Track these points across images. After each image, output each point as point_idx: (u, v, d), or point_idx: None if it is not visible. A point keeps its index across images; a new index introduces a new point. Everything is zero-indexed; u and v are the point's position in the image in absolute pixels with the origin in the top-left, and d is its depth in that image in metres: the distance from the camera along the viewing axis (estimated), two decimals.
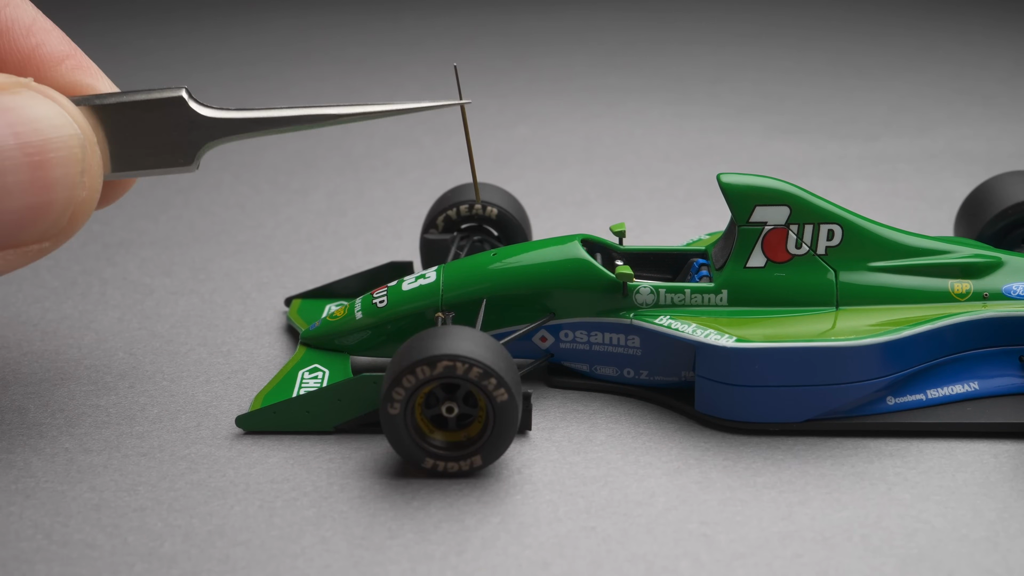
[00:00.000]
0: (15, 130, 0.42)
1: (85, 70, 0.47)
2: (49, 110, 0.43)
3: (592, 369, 0.50)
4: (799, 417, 0.47)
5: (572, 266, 0.49)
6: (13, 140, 0.42)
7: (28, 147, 0.43)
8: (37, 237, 0.44)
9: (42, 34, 0.46)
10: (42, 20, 0.47)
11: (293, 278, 0.61)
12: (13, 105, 0.43)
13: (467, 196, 0.56)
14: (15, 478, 0.45)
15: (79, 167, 0.44)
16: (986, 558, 0.40)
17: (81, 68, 0.47)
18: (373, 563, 0.40)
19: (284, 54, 1.02)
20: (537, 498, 0.44)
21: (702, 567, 0.40)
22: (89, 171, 0.44)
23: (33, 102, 0.43)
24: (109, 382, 0.51)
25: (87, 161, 0.44)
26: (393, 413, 0.44)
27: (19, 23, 0.46)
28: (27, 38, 0.46)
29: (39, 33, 0.46)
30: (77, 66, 0.47)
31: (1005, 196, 0.55)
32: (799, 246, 0.49)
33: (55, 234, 0.44)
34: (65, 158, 0.43)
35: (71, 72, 0.46)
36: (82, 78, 0.47)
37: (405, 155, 0.78)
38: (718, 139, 0.81)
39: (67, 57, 0.46)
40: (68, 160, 0.43)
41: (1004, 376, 0.48)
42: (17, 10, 0.46)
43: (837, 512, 0.43)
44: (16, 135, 0.42)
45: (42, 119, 0.43)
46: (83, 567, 0.40)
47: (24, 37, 0.46)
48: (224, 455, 0.46)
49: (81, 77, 0.47)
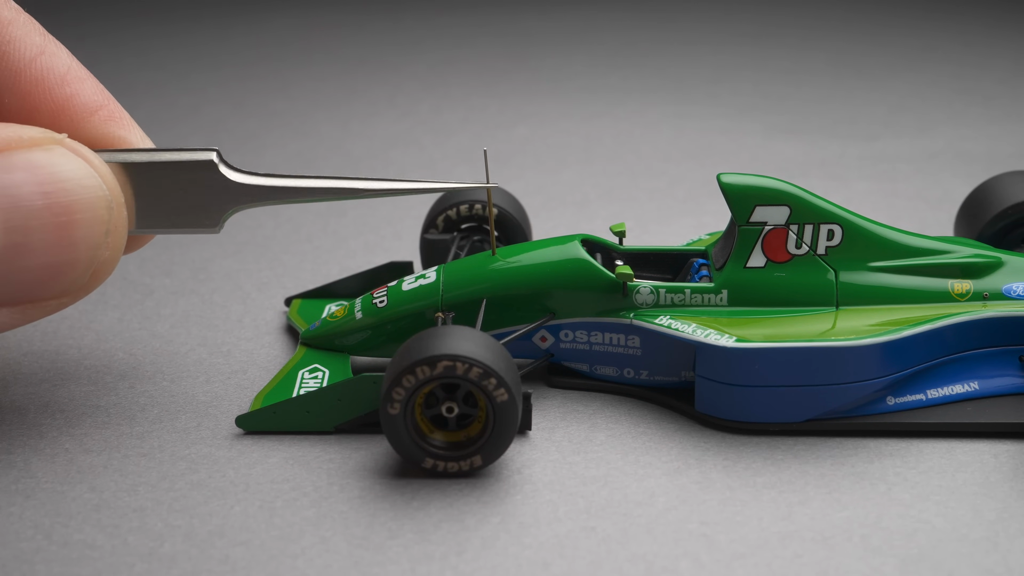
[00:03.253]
0: (44, 189, 0.43)
1: (118, 121, 0.47)
2: (79, 169, 0.44)
3: (592, 369, 0.50)
4: (799, 417, 0.47)
5: (572, 266, 0.49)
6: (42, 200, 0.43)
7: (56, 207, 0.43)
8: (57, 293, 0.44)
9: (76, 83, 0.46)
10: (76, 68, 0.47)
11: (293, 278, 0.61)
12: (44, 163, 0.43)
13: (467, 196, 0.56)
14: (15, 478, 0.45)
15: (104, 228, 0.44)
16: (986, 558, 0.40)
17: (114, 119, 0.47)
18: (373, 563, 0.40)
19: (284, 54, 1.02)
20: (537, 498, 0.44)
21: (702, 567, 0.40)
22: (114, 232, 0.44)
23: (64, 160, 0.43)
24: (109, 382, 0.51)
25: (113, 222, 0.44)
26: (393, 413, 0.44)
27: (54, 72, 0.46)
28: (61, 88, 0.46)
29: (73, 83, 0.46)
30: (110, 117, 0.47)
31: (1005, 196, 0.55)
32: (799, 246, 0.49)
33: (74, 291, 0.45)
34: (91, 219, 0.44)
35: (104, 124, 0.47)
36: (114, 130, 0.47)
37: (405, 155, 0.78)
38: (718, 139, 0.81)
39: (100, 108, 0.47)
40: (94, 221, 0.44)
41: (1004, 376, 0.48)
42: (53, 59, 0.46)
43: (837, 512, 0.43)
44: (45, 194, 0.43)
45: (72, 179, 0.43)
46: (83, 567, 0.40)
47: (59, 87, 0.46)
48: (224, 455, 0.46)
49: (114, 129, 0.47)
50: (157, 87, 0.92)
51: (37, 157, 0.43)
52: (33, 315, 0.44)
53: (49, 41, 0.47)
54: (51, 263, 0.43)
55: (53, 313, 0.45)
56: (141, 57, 1.00)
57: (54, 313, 0.45)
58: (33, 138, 0.43)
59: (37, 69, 0.46)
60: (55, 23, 0.50)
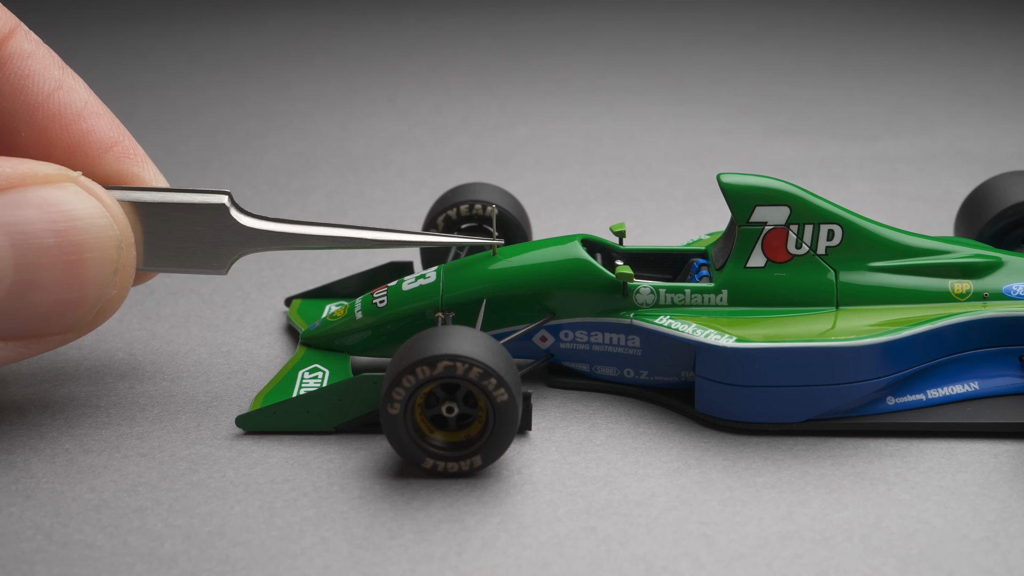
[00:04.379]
0: (56, 227, 0.43)
1: (132, 158, 0.47)
2: (92, 208, 0.44)
3: (592, 369, 0.50)
4: (799, 417, 0.47)
5: (572, 266, 0.49)
6: (53, 239, 0.43)
7: (66, 245, 0.43)
8: (62, 329, 0.45)
9: (92, 119, 0.46)
10: (93, 103, 0.47)
11: (293, 278, 0.61)
12: (57, 200, 0.43)
13: (467, 196, 0.56)
14: (15, 479, 0.45)
15: (113, 267, 0.44)
16: (986, 558, 0.40)
17: (128, 156, 0.47)
18: (373, 563, 0.40)
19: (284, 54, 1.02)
20: (537, 498, 0.44)
21: (702, 567, 0.40)
22: (122, 271, 0.44)
23: (77, 198, 0.44)
24: (109, 382, 0.51)
25: (122, 261, 0.44)
26: (393, 413, 0.44)
27: (71, 107, 0.46)
28: (78, 123, 0.46)
29: (89, 118, 0.46)
30: (124, 154, 0.47)
31: (1005, 196, 0.55)
32: (799, 246, 0.49)
33: (80, 327, 0.45)
34: (100, 258, 0.44)
35: (118, 160, 0.47)
36: (128, 167, 0.47)
37: (405, 155, 0.78)
38: (718, 139, 0.81)
39: (115, 144, 0.47)
40: (103, 260, 0.44)
41: (1004, 376, 0.48)
42: (70, 94, 0.46)
43: (837, 512, 0.43)
44: (56, 232, 0.43)
45: (84, 218, 0.43)
46: (83, 567, 0.40)
47: (75, 123, 0.46)
48: (224, 455, 0.46)
49: (128, 166, 0.47)
50: (157, 87, 0.92)
51: (51, 194, 0.43)
52: (36, 349, 0.45)
53: (67, 75, 0.47)
54: (59, 300, 0.44)
55: (55, 348, 0.46)
56: (141, 57, 1.00)
57: (56, 348, 0.46)
58: (48, 175, 0.43)
59: (55, 104, 0.46)
60: (55, 23, 0.50)
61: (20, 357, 0.45)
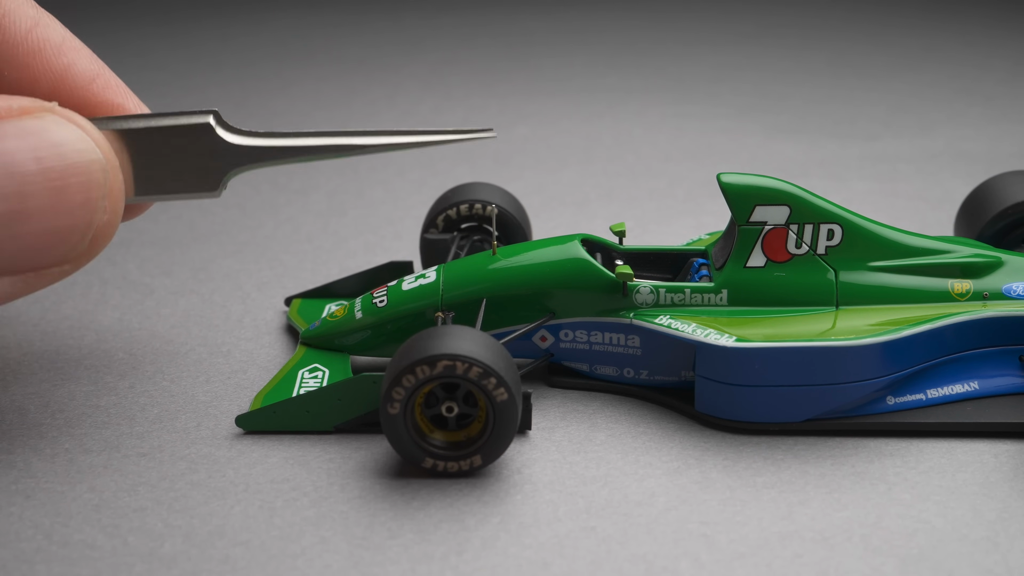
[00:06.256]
0: (38, 155, 0.43)
1: (114, 89, 0.47)
2: (72, 135, 0.44)
3: (592, 369, 0.50)
4: (799, 417, 0.47)
5: (572, 266, 0.49)
6: (35, 165, 0.43)
7: (50, 172, 0.43)
8: (57, 260, 0.44)
9: (72, 53, 0.47)
10: (71, 39, 0.47)
11: (293, 278, 0.61)
12: (36, 129, 0.43)
13: (467, 196, 0.56)
14: (15, 479, 0.45)
15: (101, 192, 0.44)
16: (986, 558, 0.40)
17: (110, 87, 0.47)
18: (373, 563, 0.40)
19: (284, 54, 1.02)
20: (537, 498, 0.44)
21: (702, 567, 0.40)
22: (111, 196, 0.44)
23: (56, 127, 0.43)
24: (109, 382, 0.51)
25: (109, 186, 0.44)
26: (393, 413, 0.44)
27: (50, 43, 0.46)
28: (59, 58, 0.46)
29: (69, 52, 0.47)
30: (106, 85, 0.47)
31: (1005, 196, 0.55)
32: (799, 246, 0.49)
33: (75, 257, 0.44)
34: (87, 183, 0.44)
35: (102, 91, 0.47)
36: (111, 97, 0.47)
37: (405, 155, 0.78)
38: (718, 139, 0.81)
39: (97, 76, 0.47)
40: (90, 185, 0.44)
41: (1004, 376, 0.48)
42: (47, 30, 0.46)
43: (837, 512, 0.43)
44: (38, 160, 0.43)
45: (65, 144, 0.43)
46: (83, 567, 0.40)
47: (56, 57, 0.46)
48: (224, 455, 0.46)
49: (110, 96, 0.47)
50: (157, 87, 0.92)
51: (29, 124, 0.43)
52: (35, 284, 0.44)
53: (42, 14, 0.47)
54: (49, 228, 0.43)
55: (56, 281, 0.45)
56: (141, 57, 1.00)
57: (56, 282, 0.45)
58: (23, 107, 0.43)
59: (34, 40, 0.46)
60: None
61: (19, 293, 0.44)
